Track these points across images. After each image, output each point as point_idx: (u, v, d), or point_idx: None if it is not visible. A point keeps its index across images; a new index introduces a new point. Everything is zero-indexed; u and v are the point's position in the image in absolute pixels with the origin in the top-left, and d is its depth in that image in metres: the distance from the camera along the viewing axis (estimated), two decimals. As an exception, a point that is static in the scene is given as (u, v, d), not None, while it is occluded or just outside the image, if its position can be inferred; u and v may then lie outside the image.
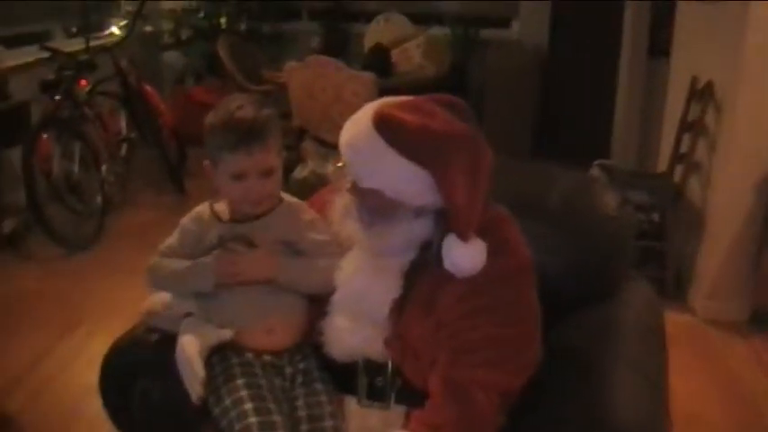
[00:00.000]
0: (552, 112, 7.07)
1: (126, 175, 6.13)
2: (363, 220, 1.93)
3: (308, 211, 2.10)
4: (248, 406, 1.86)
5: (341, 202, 2.01)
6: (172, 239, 2.15)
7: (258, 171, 1.95)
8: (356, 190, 1.91)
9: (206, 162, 2.03)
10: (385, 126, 1.84)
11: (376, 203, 1.88)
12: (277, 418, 1.85)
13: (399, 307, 1.92)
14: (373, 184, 1.86)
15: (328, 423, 1.91)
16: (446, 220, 1.86)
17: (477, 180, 1.84)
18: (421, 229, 1.90)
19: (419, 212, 1.89)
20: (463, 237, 1.83)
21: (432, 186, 1.83)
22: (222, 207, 2.10)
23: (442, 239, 1.86)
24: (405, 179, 1.84)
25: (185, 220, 2.14)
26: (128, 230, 5.61)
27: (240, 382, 1.92)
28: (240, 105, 1.95)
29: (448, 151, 1.81)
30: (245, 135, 1.91)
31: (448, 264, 1.85)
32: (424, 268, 1.92)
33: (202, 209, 2.13)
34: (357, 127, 1.90)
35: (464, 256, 1.83)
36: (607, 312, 2.24)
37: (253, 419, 1.83)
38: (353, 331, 1.95)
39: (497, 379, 1.82)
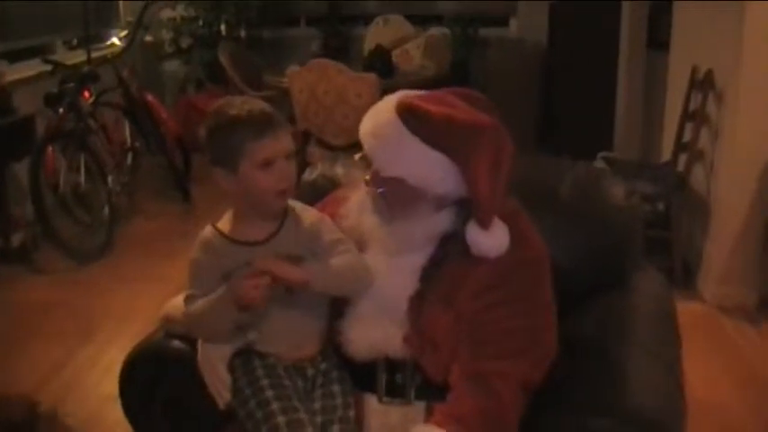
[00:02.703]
0: (554, 107, 7.10)
1: (132, 185, 6.17)
2: (383, 214, 1.95)
3: (311, 211, 2.06)
4: (275, 406, 1.88)
5: (356, 199, 2.04)
6: (190, 287, 1.98)
7: (284, 154, 1.89)
8: (378, 180, 1.93)
9: (217, 170, 1.91)
10: (409, 115, 1.87)
11: (397, 193, 1.90)
12: (303, 415, 1.87)
13: (418, 303, 1.94)
14: (396, 173, 1.88)
15: (335, 427, 1.92)
16: (467, 209, 1.90)
17: (499, 169, 1.87)
18: (441, 222, 1.94)
19: (440, 204, 1.92)
20: (484, 225, 1.87)
21: (454, 174, 1.87)
22: (225, 224, 1.99)
23: (465, 228, 1.90)
24: (428, 166, 1.86)
25: (195, 255, 1.98)
26: (136, 239, 5.65)
27: (265, 383, 1.94)
28: (243, 101, 1.92)
29: (471, 140, 1.84)
30: (267, 121, 1.87)
31: (475, 250, 1.89)
32: (441, 263, 1.95)
33: (207, 234, 1.98)
34: (380, 117, 1.93)
35: (488, 241, 1.88)
36: (620, 300, 2.27)
37: (280, 419, 1.85)
38: (372, 330, 1.96)
39: (517, 369, 1.85)
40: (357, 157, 2.01)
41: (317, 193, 2.36)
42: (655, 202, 4.80)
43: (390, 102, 1.94)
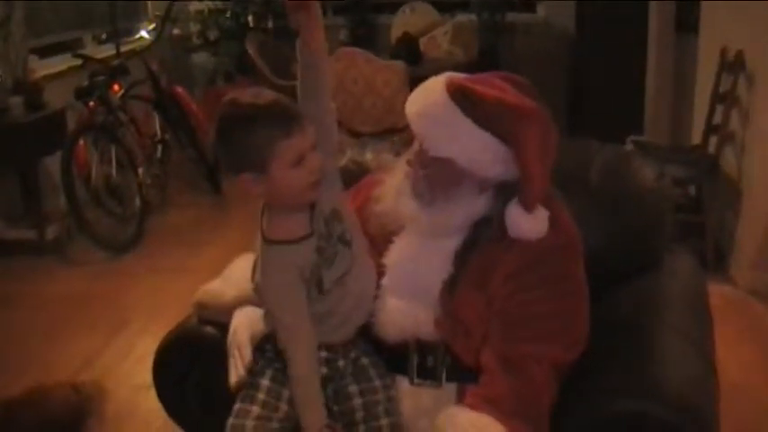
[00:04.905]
0: (583, 91, 7.07)
1: (163, 177, 6.20)
2: (424, 197, 1.95)
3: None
4: (254, 410, 1.94)
5: (392, 182, 2.04)
6: (292, 307, 1.88)
7: (312, 146, 1.79)
8: (424, 160, 1.93)
9: (244, 176, 1.79)
10: (462, 96, 1.88)
11: (443, 175, 1.91)
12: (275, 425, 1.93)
13: (450, 287, 1.94)
14: (446, 153, 1.89)
15: (380, 408, 1.95)
16: (505, 193, 1.91)
17: (546, 153, 1.90)
18: (480, 206, 1.95)
19: (481, 188, 1.93)
20: (530, 207, 1.88)
21: (501, 158, 1.88)
22: (273, 232, 1.88)
23: (501, 212, 1.91)
24: (479, 148, 1.88)
25: (279, 278, 1.87)
26: (168, 231, 5.70)
27: (265, 383, 1.98)
28: (254, 95, 1.79)
29: (522, 123, 1.86)
30: (292, 116, 1.77)
31: (513, 232, 1.90)
32: (475, 247, 1.95)
33: (275, 252, 1.87)
34: (430, 97, 1.93)
35: (530, 224, 1.89)
36: (651, 282, 2.27)
37: (249, 423, 1.91)
38: (405, 312, 1.97)
39: (550, 352, 1.85)
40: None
41: (347, 179, 2.34)
42: (686, 186, 4.77)
43: (439, 82, 1.95)
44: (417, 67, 6.07)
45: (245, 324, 2.07)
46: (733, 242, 4.51)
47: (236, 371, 2.01)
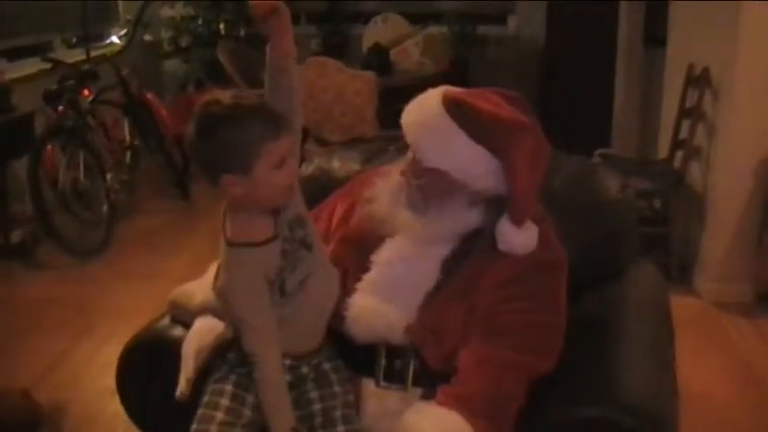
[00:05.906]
0: (552, 104, 7.11)
1: (131, 183, 6.18)
2: (417, 207, 1.98)
3: None
4: (219, 416, 1.92)
5: (386, 188, 2.06)
6: (257, 310, 1.84)
7: (293, 149, 1.81)
8: (418, 170, 1.96)
9: (226, 176, 1.73)
10: (457, 109, 1.91)
11: (436, 186, 1.94)
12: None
13: (433, 295, 1.97)
14: (439, 164, 1.92)
15: (338, 413, 1.95)
16: (499, 207, 1.94)
17: (536, 169, 1.93)
18: (472, 218, 1.97)
19: (474, 200, 1.95)
20: (518, 221, 1.91)
21: (494, 171, 1.91)
22: (240, 234, 1.83)
23: (493, 225, 1.94)
24: (472, 161, 1.91)
25: (247, 281, 1.82)
26: (136, 237, 5.67)
27: (228, 388, 1.96)
28: (237, 95, 1.75)
29: (515, 138, 1.89)
30: (278, 117, 1.74)
31: (503, 245, 1.93)
32: (466, 258, 1.98)
33: (243, 256, 1.82)
34: (426, 109, 1.96)
35: (519, 238, 1.93)
36: (614, 291, 2.29)
37: (213, 428, 1.89)
38: (380, 314, 1.99)
39: (528, 362, 1.88)
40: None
41: (314, 187, 2.38)
42: (652, 199, 4.82)
43: (435, 94, 1.98)
44: (388, 77, 6.12)
45: (195, 336, 2.10)
46: (697, 255, 4.56)
47: (180, 384, 2.05)
